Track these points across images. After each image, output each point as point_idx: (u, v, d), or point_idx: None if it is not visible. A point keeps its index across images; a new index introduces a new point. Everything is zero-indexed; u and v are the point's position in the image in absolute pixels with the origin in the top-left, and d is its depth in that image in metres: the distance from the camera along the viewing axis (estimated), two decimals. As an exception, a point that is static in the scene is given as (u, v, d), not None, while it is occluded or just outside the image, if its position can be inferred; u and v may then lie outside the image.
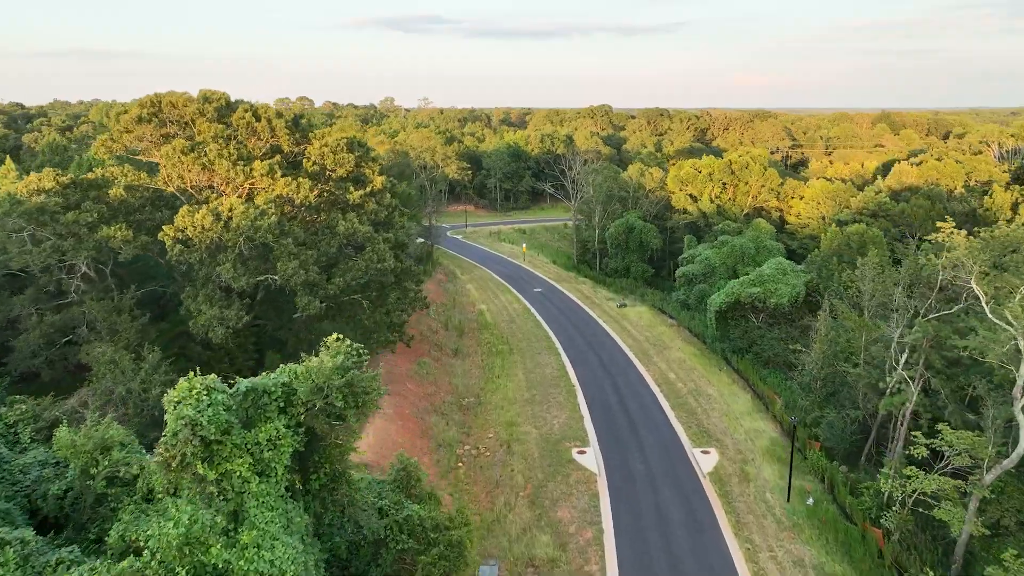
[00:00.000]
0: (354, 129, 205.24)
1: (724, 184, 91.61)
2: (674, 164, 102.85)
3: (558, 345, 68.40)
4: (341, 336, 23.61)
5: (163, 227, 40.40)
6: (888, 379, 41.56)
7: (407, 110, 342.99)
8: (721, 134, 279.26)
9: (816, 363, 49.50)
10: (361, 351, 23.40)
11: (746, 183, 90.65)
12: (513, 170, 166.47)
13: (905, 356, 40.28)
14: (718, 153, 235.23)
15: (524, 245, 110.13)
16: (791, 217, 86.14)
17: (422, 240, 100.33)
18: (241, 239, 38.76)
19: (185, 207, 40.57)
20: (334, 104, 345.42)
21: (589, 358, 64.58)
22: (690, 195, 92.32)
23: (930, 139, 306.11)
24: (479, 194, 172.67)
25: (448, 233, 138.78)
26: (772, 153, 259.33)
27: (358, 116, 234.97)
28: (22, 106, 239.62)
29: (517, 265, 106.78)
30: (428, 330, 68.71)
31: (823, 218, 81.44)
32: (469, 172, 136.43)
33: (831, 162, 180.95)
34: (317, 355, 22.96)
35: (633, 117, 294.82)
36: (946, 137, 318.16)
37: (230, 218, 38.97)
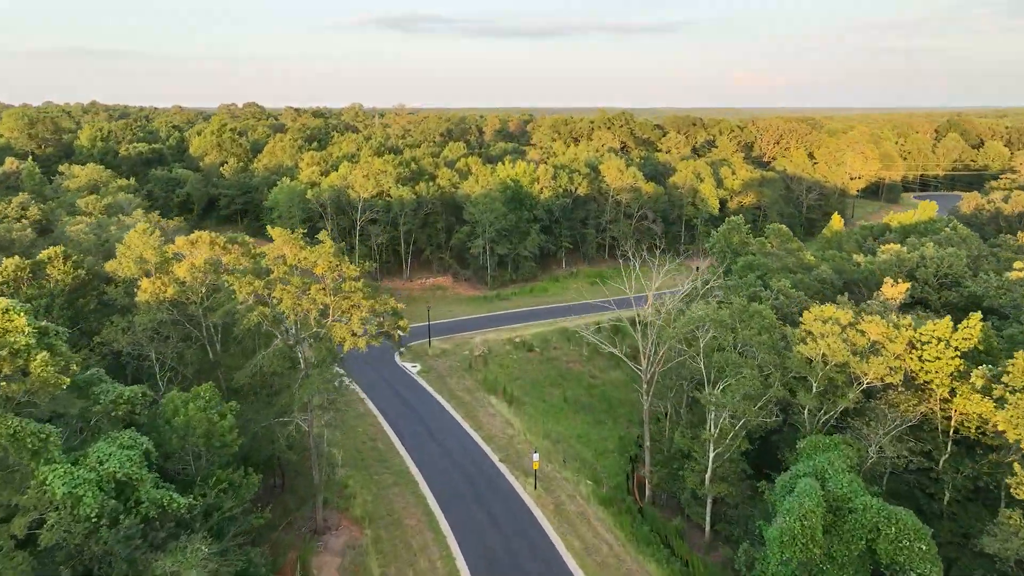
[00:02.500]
0: (287, 153, 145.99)
1: None
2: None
3: None
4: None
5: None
6: None
7: (394, 112, 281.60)
8: (772, 148, 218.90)
9: None
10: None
11: None
12: (512, 224, 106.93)
13: None
14: (787, 184, 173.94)
15: (536, 457, 50.83)
16: None
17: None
18: None
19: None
20: (296, 110, 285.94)
21: None
22: None
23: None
24: (460, 261, 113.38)
25: (398, 357, 79.31)
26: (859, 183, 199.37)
27: (306, 132, 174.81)
28: None
29: (521, 518, 47.82)
30: None
31: None
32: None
33: None
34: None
35: (659, 127, 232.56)
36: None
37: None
